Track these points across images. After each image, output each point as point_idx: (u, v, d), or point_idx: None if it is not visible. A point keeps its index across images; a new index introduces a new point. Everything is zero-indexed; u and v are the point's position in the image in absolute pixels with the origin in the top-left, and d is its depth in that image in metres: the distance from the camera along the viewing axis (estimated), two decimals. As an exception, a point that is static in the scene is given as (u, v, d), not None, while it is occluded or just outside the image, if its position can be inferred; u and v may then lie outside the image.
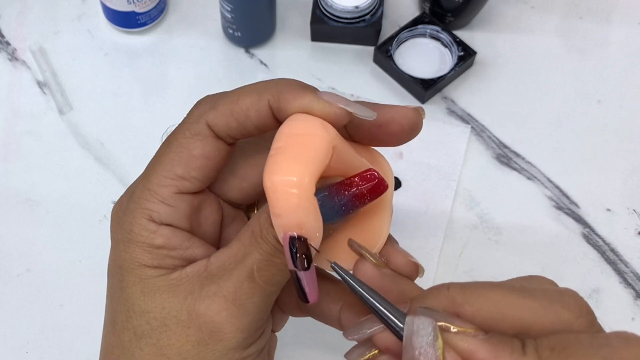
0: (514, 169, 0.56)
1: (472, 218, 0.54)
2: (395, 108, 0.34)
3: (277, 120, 0.33)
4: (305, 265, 0.30)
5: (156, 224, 0.33)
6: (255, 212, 0.38)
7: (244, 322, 0.32)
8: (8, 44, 0.62)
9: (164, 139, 0.35)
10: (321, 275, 0.38)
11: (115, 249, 0.34)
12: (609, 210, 0.54)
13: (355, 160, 0.33)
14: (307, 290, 0.31)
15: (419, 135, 0.36)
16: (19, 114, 0.59)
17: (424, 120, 0.35)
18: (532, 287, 0.30)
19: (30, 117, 0.59)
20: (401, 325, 0.29)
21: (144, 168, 0.35)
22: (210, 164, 0.33)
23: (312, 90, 0.32)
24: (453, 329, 0.27)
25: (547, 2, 0.64)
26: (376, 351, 0.30)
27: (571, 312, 0.28)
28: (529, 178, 0.56)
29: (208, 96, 0.35)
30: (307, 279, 0.31)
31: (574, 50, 0.62)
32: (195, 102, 0.35)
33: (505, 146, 0.57)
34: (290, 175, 0.29)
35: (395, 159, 0.55)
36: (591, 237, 0.53)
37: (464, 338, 0.27)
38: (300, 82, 0.33)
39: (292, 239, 0.30)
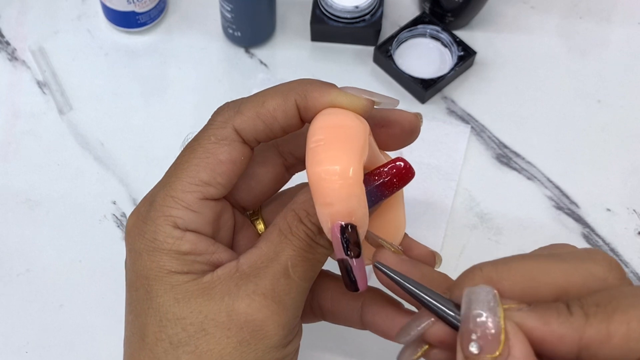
0: (514, 169, 0.56)
1: (472, 218, 0.54)
2: (397, 111, 0.36)
3: (302, 121, 0.33)
4: (358, 253, 0.30)
5: (181, 231, 0.32)
6: (260, 218, 0.38)
7: (284, 318, 0.32)
8: (8, 44, 0.62)
9: (183, 147, 0.35)
10: (335, 276, 0.38)
11: (137, 259, 0.33)
12: (609, 210, 0.54)
13: (377, 152, 0.34)
14: (357, 278, 0.31)
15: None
16: (19, 114, 0.59)
17: (424, 121, 0.37)
18: (558, 252, 0.30)
19: (30, 117, 0.59)
20: (451, 313, 0.29)
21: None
22: (235, 169, 0.34)
23: (335, 85, 0.33)
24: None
25: (547, 2, 0.64)
26: (426, 347, 0.30)
27: (603, 267, 0.28)
28: (529, 178, 0.56)
29: (228, 103, 0.35)
30: (358, 267, 0.31)
31: (574, 50, 0.62)
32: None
33: (505, 146, 0.57)
34: (338, 164, 0.30)
35: (395, 159, 0.55)
36: (591, 237, 0.53)
37: (509, 313, 0.27)
38: (320, 80, 0.34)
39: (342, 228, 0.30)
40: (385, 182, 0.32)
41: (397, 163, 0.33)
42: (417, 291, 0.30)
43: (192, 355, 0.31)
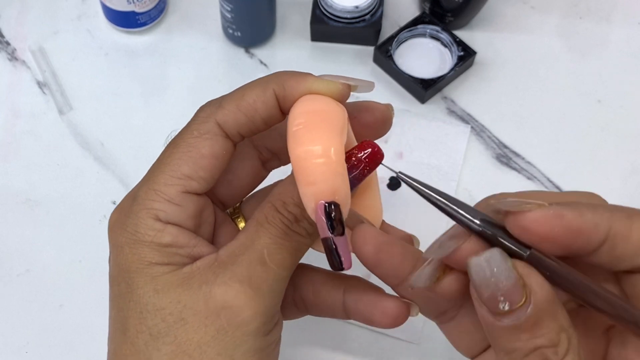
0: (514, 169, 0.56)
1: (472, 218, 0.54)
2: (369, 101, 0.37)
3: (282, 112, 0.34)
4: (342, 231, 0.31)
5: (162, 223, 0.33)
6: (241, 216, 0.39)
7: (262, 305, 0.32)
8: (8, 44, 0.62)
9: (166, 144, 0.35)
10: (316, 268, 0.38)
11: (119, 253, 0.33)
12: (609, 210, 0.54)
13: (354, 141, 0.35)
14: (342, 256, 0.32)
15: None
16: (19, 114, 0.59)
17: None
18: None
19: (30, 117, 0.59)
20: (480, 223, 0.30)
21: (146, 171, 0.35)
22: (217, 164, 0.34)
23: (311, 74, 0.34)
24: (528, 205, 0.28)
25: (547, 2, 0.64)
26: (440, 273, 0.31)
27: (582, 197, 0.31)
28: (529, 178, 0.56)
29: (211, 100, 0.35)
30: (342, 245, 0.31)
31: (574, 50, 0.62)
32: (191, 102, 0.36)
33: (505, 146, 0.57)
34: (320, 144, 0.30)
35: (395, 159, 0.55)
36: (591, 237, 0.53)
37: (545, 209, 0.28)
38: (297, 71, 0.35)
39: (326, 207, 0.30)
40: (356, 165, 0.33)
41: (364, 143, 0.33)
42: (445, 201, 0.30)
43: (172, 345, 0.31)
